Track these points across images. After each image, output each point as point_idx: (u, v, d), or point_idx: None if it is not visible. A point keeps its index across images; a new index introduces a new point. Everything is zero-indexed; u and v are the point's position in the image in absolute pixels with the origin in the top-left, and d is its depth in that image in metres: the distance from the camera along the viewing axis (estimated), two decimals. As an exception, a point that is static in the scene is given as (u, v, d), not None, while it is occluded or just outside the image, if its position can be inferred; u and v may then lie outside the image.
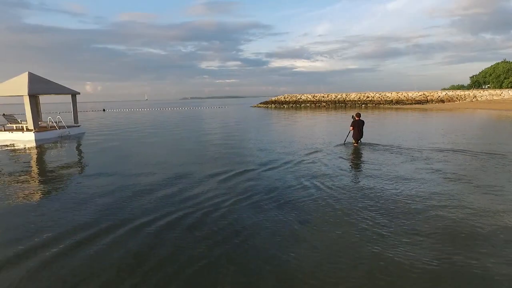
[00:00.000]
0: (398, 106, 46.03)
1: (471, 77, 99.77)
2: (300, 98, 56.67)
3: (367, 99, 51.16)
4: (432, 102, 46.08)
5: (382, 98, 50.24)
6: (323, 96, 55.39)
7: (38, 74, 18.47)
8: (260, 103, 61.99)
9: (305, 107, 51.92)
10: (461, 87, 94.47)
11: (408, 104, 46.81)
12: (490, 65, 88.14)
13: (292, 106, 53.97)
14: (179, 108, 64.75)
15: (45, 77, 19.04)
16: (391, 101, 49.04)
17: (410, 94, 49.63)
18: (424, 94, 48.99)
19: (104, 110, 62.93)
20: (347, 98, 52.94)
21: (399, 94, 50.74)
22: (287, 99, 57.45)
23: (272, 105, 57.29)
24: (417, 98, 47.99)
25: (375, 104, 49.08)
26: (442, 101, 45.87)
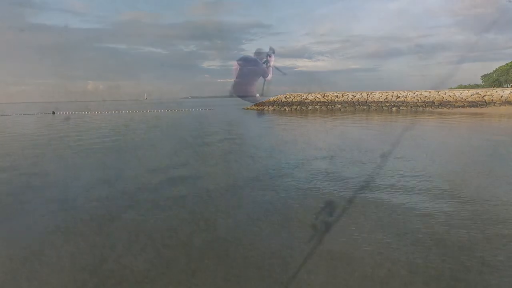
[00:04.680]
0: (444, 109, 33.11)
1: (482, 76, 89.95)
2: (307, 98, 43.43)
3: (397, 99, 38.15)
4: (494, 105, 33.20)
5: (419, 99, 37.24)
6: (337, 96, 42.27)
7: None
8: (255, 105, 48.65)
9: (314, 110, 38.83)
10: (475, 87, 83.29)
11: (459, 107, 33.83)
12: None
13: (296, 109, 40.75)
14: (163, 110, 51.26)
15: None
16: (433, 102, 36.07)
17: (457, 94, 36.69)
18: (478, 93, 36.12)
19: (53, 113, 49.12)
20: (369, 99, 39.86)
21: (441, 93, 37.82)
22: (289, 100, 44.14)
23: (270, 107, 43.95)
24: (469, 99, 35.09)
25: (411, 107, 36.10)
26: (510, 103, 33.02)
